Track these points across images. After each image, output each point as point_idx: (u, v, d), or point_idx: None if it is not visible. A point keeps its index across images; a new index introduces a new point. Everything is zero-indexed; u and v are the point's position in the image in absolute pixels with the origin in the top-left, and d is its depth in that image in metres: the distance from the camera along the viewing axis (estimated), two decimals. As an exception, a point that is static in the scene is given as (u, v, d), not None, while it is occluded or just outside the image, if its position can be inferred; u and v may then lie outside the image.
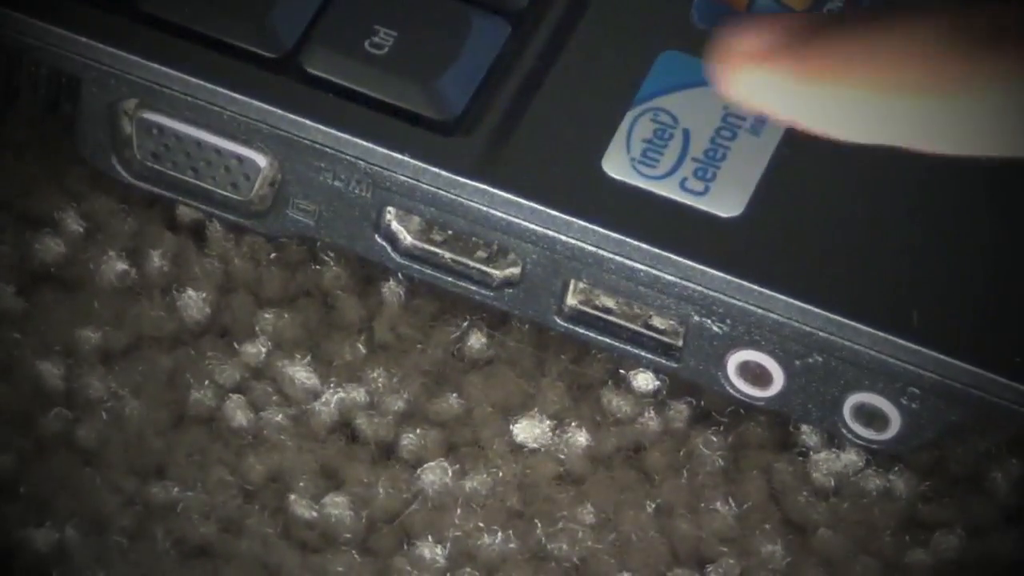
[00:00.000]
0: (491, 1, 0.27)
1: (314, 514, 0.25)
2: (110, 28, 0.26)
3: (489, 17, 0.26)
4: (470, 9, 0.26)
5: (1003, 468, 0.26)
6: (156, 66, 0.25)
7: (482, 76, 0.25)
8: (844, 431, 0.25)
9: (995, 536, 0.26)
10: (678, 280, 0.24)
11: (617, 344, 0.26)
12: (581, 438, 0.26)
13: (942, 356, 0.24)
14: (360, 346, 0.26)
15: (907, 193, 0.28)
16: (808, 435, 0.26)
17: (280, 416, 0.25)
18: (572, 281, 0.25)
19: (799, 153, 0.26)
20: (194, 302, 0.26)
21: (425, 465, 0.25)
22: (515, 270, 0.26)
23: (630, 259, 0.24)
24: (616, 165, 0.25)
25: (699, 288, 0.24)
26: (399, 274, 0.26)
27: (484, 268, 0.26)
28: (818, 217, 0.26)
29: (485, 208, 0.25)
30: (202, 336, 0.26)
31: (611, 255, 0.25)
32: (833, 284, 0.25)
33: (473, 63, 0.26)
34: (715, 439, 0.26)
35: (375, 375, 0.26)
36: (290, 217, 0.27)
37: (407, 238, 0.26)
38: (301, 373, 0.26)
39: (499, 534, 0.25)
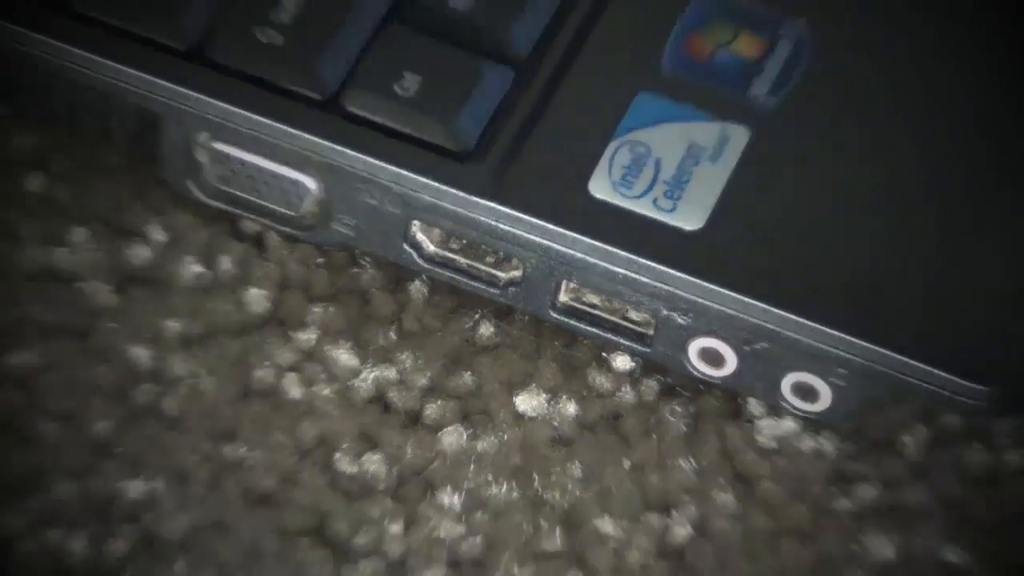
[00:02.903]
0: (498, 52, 0.28)
1: (355, 469, 0.27)
2: (186, 73, 0.27)
3: (497, 66, 0.28)
4: (481, 59, 0.28)
5: (912, 433, 0.28)
6: (224, 105, 0.27)
7: (491, 114, 0.27)
8: (784, 404, 0.27)
9: (906, 488, 0.28)
10: (650, 281, 0.26)
11: (600, 333, 0.28)
12: (571, 408, 0.28)
13: (863, 343, 0.26)
14: (392, 334, 0.28)
15: (836, 207, 0.28)
16: (754, 406, 0.28)
17: (327, 390, 0.28)
18: (564, 282, 0.27)
19: (750, 177, 0.27)
20: (256, 298, 0.28)
21: (444, 430, 0.27)
22: (517, 273, 0.27)
23: (611, 264, 0.26)
24: (600, 187, 0.26)
25: (667, 288, 0.26)
26: (423, 276, 0.28)
27: (492, 271, 0.27)
28: (764, 229, 0.27)
29: (493, 222, 0.27)
30: (263, 326, 0.28)
31: (596, 261, 0.26)
32: (776, 284, 0.26)
33: (483, 104, 0.27)
34: (679, 409, 0.28)
35: (404, 357, 0.28)
36: (334, 230, 0.28)
37: (430, 246, 0.28)
38: (344, 355, 0.28)
39: (504, 485, 0.27)
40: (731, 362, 0.26)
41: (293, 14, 0.27)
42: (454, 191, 0.26)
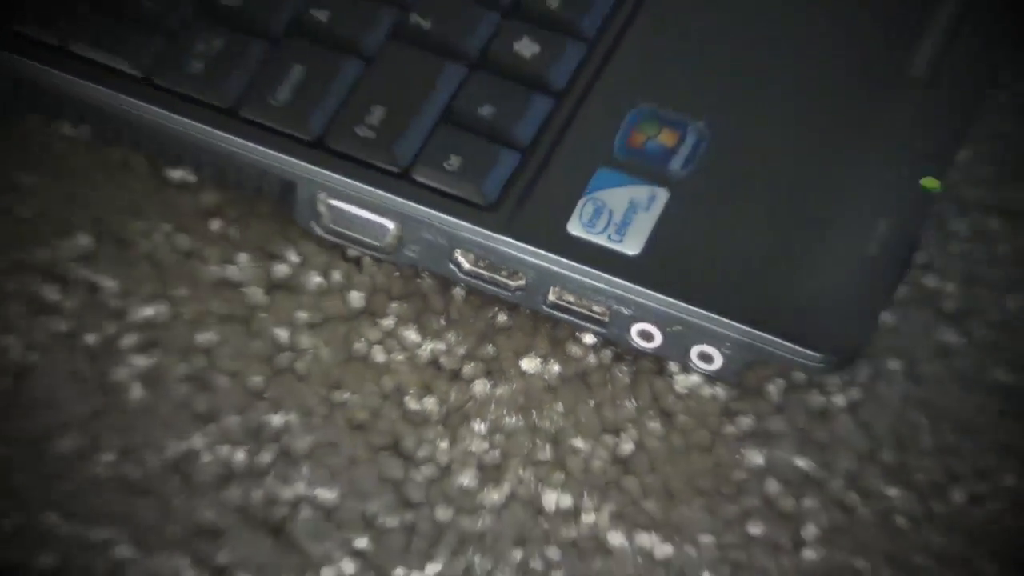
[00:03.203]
0: (509, 142, 0.32)
1: (418, 407, 0.32)
2: (312, 156, 0.32)
3: (509, 151, 0.32)
4: (499, 146, 0.32)
5: (774, 383, 0.33)
6: (337, 176, 0.32)
7: (504, 181, 0.32)
8: (691, 365, 0.32)
9: (769, 419, 0.32)
10: (605, 287, 0.31)
11: (575, 320, 0.32)
12: (556, 368, 0.33)
13: (739, 325, 0.31)
14: (442, 320, 0.33)
15: (721, 236, 0.32)
16: (673, 367, 0.33)
17: (400, 356, 0.32)
18: (551, 287, 0.31)
19: (669, 220, 0.31)
20: (355, 298, 0.33)
21: (475, 381, 0.32)
22: (521, 282, 0.32)
23: (581, 276, 0.31)
24: (574, 227, 0.31)
25: (616, 291, 0.31)
26: (462, 283, 0.33)
27: (506, 280, 0.32)
28: (676, 252, 0.31)
29: (506, 250, 0.31)
30: (359, 316, 0.33)
31: (571, 274, 0.31)
32: (684, 287, 0.31)
33: (500, 175, 0.32)
34: (625, 368, 0.33)
35: (449, 336, 0.33)
36: (405, 254, 0.32)
37: (466, 265, 0.32)
38: (411, 334, 0.33)
39: (514, 417, 0.32)
40: (658, 338, 0.31)
41: (380, 118, 0.32)
42: (481, 230, 0.31)
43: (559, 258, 0.31)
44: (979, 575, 0.30)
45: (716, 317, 0.30)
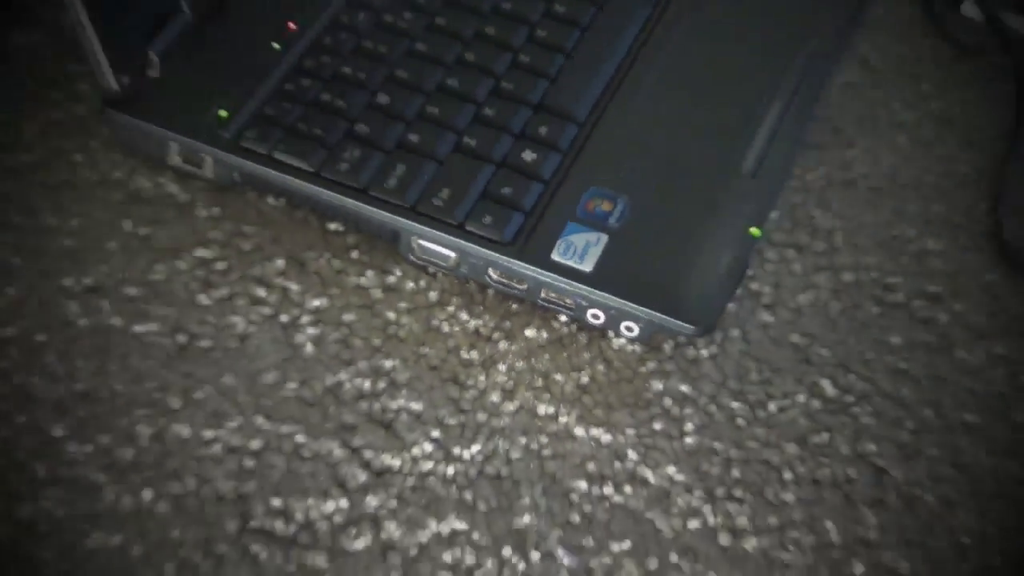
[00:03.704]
0: (518, 207, 0.34)
1: (467, 356, 0.35)
2: (408, 216, 0.35)
3: (518, 213, 0.34)
4: (512, 211, 0.34)
5: (669, 343, 0.35)
6: (426, 229, 0.34)
7: (516, 230, 0.34)
8: (622, 333, 0.35)
9: (666, 363, 0.35)
10: (573, 290, 0.34)
11: (556, 307, 0.35)
12: (545, 334, 0.35)
13: (644, 308, 0.33)
14: (480, 307, 0.36)
15: (636, 255, 0.33)
16: (612, 335, 0.35)
17: (457, 328, 0.35)
18: (543, 289, 0.34)
19: (608, 253, 0.34)
20: (433, 295, 0.36)
21: (500, 342, 0.35)
22: (525, 286, 0.35)
23: (559, 283, 0.34)
24: (556, 255, 0.34)
25: (579, 292, 0.34)
26: (492, 287, 0.35)
27: (517, 285, 0.35)
28: (612, 268, 0.34)
29: (516, 268, 0.34)
30: (434, 305, 0.36)
31: (553, 282, 0.34)
32: (615, 286, 0.33)
33: (513, 227, 0.35)
34: (584, 335, 0.35)
35: (487, 318, 0.36)
36: (460, 271, 0.35)
37: (494, 276, 0.35)
38: (463, 315, 0.36)
39: (520, 362, 0.35)
40: (602, 318, 0.34)
41: (447, 195, 0.35)
42: (502, 257, 0.34)
43: (547, 273, 0.34)
44: (783, 464, 0.33)
45: (634, 305, 0.34)
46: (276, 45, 0.38)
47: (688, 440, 0.34)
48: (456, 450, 0.33)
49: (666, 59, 0.39)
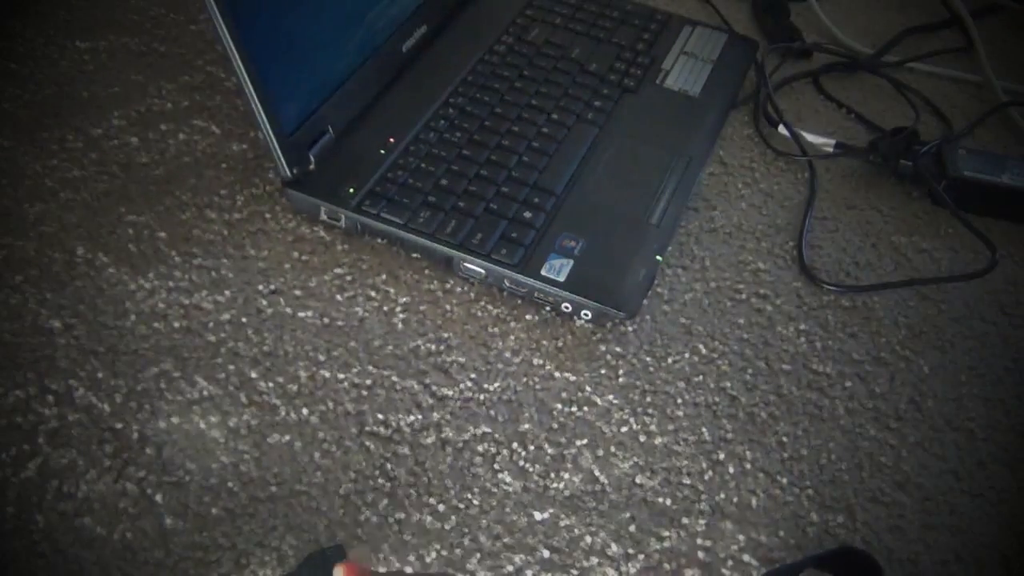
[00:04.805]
0: (521, 244, 0.35)
1: (494, 331, 0.35)
2: (457, 249, 0.35)
3: (521, 248, 0.35)
4: (518, 246, 0.34)
5: (611, 323, 0.35)
6: (465, 255, 0.34)
7: (520, 258, 0.35)
8: (582, 317, 0.35)
9: (608, 335, 0.35)
10: (554, 292, 0.34)
11: (543, 303, 0.35)
12: (536, 318, 0.36)
13: (591, 300, 0.33)
14: (500, 303, 0.36)
15: (592, 269, 0.33)
16: (576, 319, 0.36)
17: (486, 315, 0.36)
18: (535, 291, 0.35)
19: (574, 272, 0.34)
20: (472, 296, 0.36)
21: (511, 323, 0.35)
22: (526, 290, 0.35)
23: (545, 288, 0.35)
24: (545, 271, 0.35)
25: (558, 293, 0.35)
26: (507, 291, 0.36)
27: (521, 290, 0.35)
28: (577, 280, 0.34)
29: (521, 279, 0.35)
30: (474, 302, 0.36)
31: (542, 288, 0.35)
32: (580, 290, 0.34)
33: (518, 256, 0.35)
34: (558, 318, 0.36)
35: (503, 307, 0.36)
36: (488, 281, 0.36)
37: (508, 284, 0.36)
38: (491, 307, 0.36)
39: (523, 335, 0.35)
40: (571, 308, 0.35)
41: (479, 237, 0.35)
42: (513, 273, 0.35)
43: (538, 282, 0.35)
44: (676, 394, 0.33)
45: (588, 300, 0.34)
46: (383, 151, 0.39)
47: (620, 379, 0.35)
48: (485, 385, 0.34)
49: (607, 157, 0.40)
